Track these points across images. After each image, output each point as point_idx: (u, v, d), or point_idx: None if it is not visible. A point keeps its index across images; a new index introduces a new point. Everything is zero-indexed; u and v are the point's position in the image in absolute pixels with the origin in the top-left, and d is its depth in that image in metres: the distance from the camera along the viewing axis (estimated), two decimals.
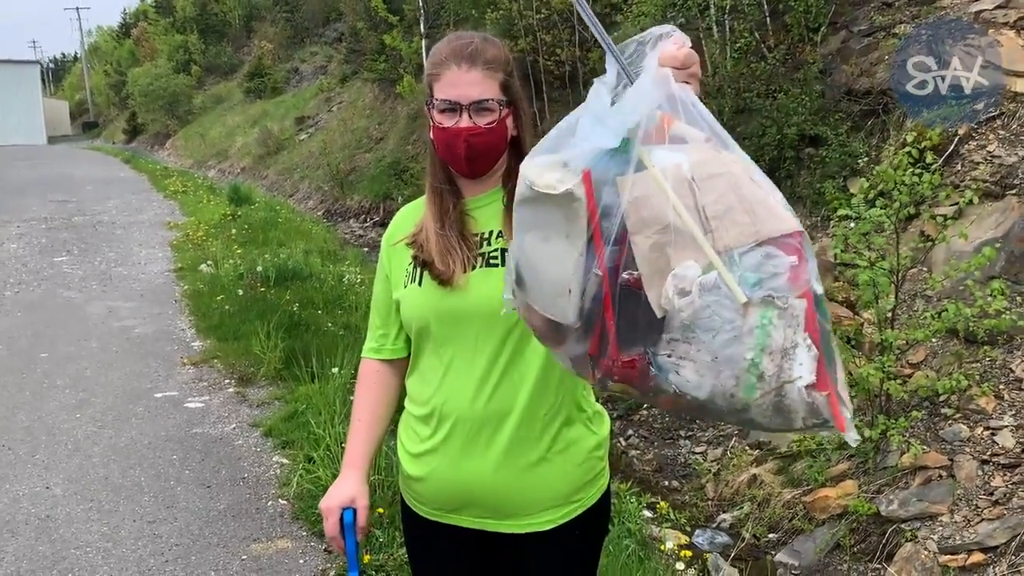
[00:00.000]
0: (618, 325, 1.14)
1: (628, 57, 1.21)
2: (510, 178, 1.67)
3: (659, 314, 1.11)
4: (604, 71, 1.26)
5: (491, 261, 1.64)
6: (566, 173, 1.14)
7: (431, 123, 1.63)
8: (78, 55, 69.16)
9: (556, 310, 1.19)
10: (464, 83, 1.57)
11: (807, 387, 1.08)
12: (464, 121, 1.58)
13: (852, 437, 1.13)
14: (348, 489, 1.77)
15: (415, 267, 1.69)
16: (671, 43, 1.18)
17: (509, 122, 1.63)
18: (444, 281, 1.63)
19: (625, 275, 1.12)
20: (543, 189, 1.14)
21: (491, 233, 1.67)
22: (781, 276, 1.07)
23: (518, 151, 1.66)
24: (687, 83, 1.19)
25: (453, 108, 1.58)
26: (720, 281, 1.07)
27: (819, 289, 1.10)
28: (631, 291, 1.12)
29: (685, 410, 1.20)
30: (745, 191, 1.11)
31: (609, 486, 1.80)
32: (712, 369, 1.09)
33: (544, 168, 1.17)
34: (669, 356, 1.12)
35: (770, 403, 1.09)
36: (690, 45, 1.19)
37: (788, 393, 1.08)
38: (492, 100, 1.59)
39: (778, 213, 1.11)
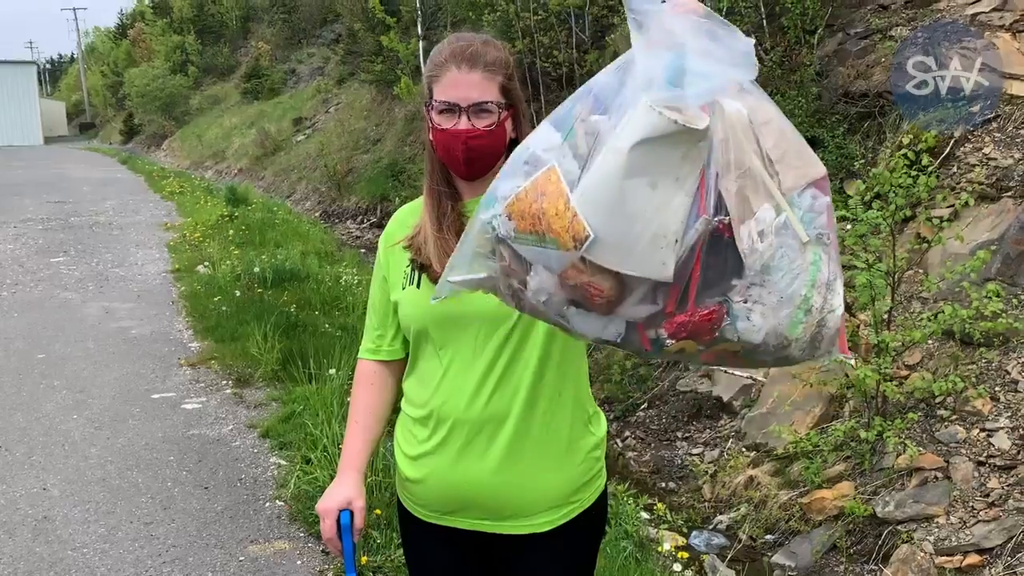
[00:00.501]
0: (703, 275, 1.12)
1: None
2: None
3: (743, 259, 1.11)
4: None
5: None
6: (688, 111, 1.07)
7: (430, 124, 1.63)
8: (75, 56, 69.08)
9: (650, 265, 1.10)
10: (464, 85, 1.57)
11: (841, 315, 1.16)
12: (463, 123, 1.58)
13: (850, 357, 1.22)
14: (345, 491, 1.76)
15: (413, 269, 1.70)
16: None
17: (508, 125, 1.63)
18: None
19: (716, 221, 1.11)
20: (688, 124, 1.06)
21: None
22: (824, 215, 1.15)
23: None
24: None
25: (452, 110, 1.58)
26: (788, 223, 1.11)
27: None
28: (719, 237, 1.11)
29: (728, 360, 1.21)
30: (791, 136, 1.16)
31: (606, 487, 1.81)
32: (775, 309, 1.13)
33: (666, 104, 1.07)
34: (745, 302, 1.13)
35: (809, 336, 1.15)
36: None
37: (827, 322, 1.15)
38: (491, 103, 1.59)
39: (813, 157, 1.17)
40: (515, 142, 1.66)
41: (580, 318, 1.20)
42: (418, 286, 1.68)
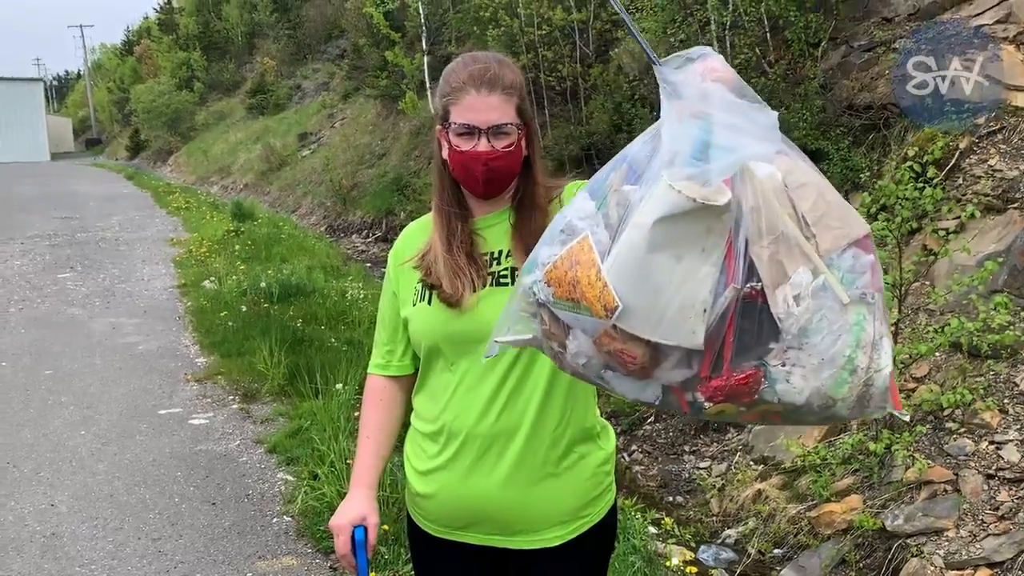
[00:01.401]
0: (737, 341, 1.13)
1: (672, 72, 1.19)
2: (517, 198, 1.69)
3: (778, 324, 1.12)
4: (606, 86, 1.26)
5: (501, 280, 1.65)
6: (710, 185, 1.10)
7: (448, 145, 1.64)
8: (81, 72, 69.48)
9: (680, 334, 1.12)
10: (483, 108, 1.59)
11: (889, 373, 1.14)
12: (482, 145, 1.59)
13: (904, 414, 1.20)
14: (358, 507, 1.76)
15: (424, 287, 1.70)
16: (716, 62, 1.17)
17: (522, 144, 1.65)
18: (453, 303, 1.64)
19: (747, 287, 1.12)
20: (706, 201, 1.08)
21: (500, 252, 1.68)
22: (867, 274, 1.14)
23: (527, 171, 1.68)
24: None
25: (471, 132, 1.59)
26: (827, 284, 1.11)
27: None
28: (752, 304, 1.12)
29: (771, 419, 1.21)
30: (830, 197, 1.16)
31: (616, 501, 1.81)
32: (816, 371, 1.12)
33: (684, 182, 1.10)
34: (782, 365, 1.13)
35: (856, 395, 1.14)
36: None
37: (875, 382, 1.14)
38: (510, 124, 1.60)
39: (856, 216, 1.17)
40: (528, 160, 1.67)
41: (618, 381, 1.22)
42: (429, 302, 1.68)
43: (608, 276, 1.15)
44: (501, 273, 1.66)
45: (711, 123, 1.11)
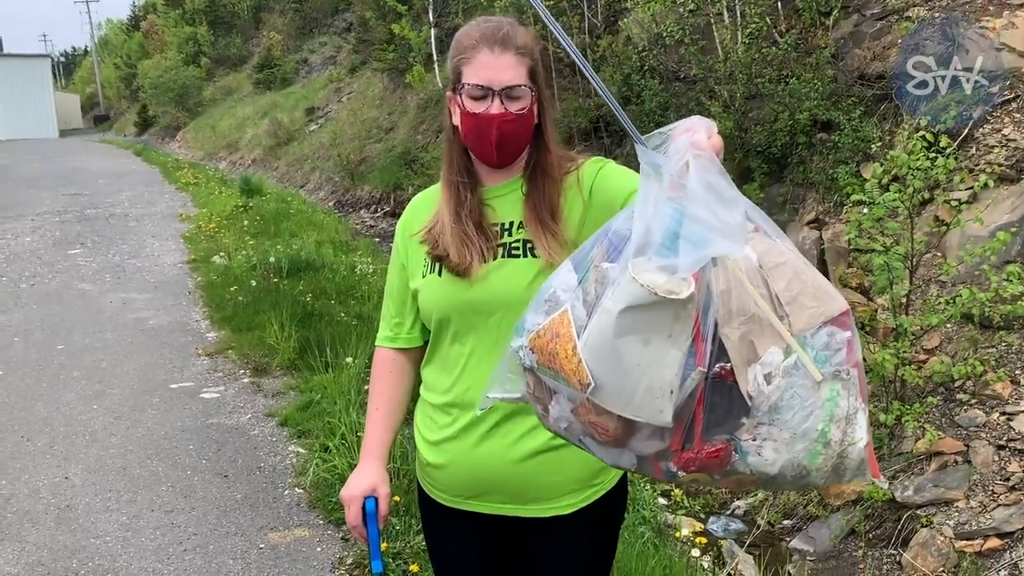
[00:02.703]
0: (706, 417, 1.17)
1: (656, 148, 1.20)
2: (530, 167, 1.66)
3: (748, 402, 1.15)
4: (615, 57, 1.25)
5: (513, 252, 1.63)
6: (676, 277, 1.13)
7: (460, 109, 1.60)
8: (88, 48, 69.35)
9: (649, 411, 1.16)
10: (497, 67, 1.55)
11: (865, 446, 1.18)
12: (495, 107, 1.56)
13: (883, 481, 1.23)
14: (369, 478, 1.77)
15: (432, 259, 1.69)
16: (702, 133, 1.17)
17: (535, 110, 1.62)
18: (461, 273, 1.62)
19: (717, 367, 1.15)
20: (666, 295, 1.12)
21: (511, 224, 1.65)
22: (842, 351, 1.17)
23: (539, 139, 1.65)
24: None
25: (484, 93, 1.56)
26: (800, 363, 1.14)
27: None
28: (722, 383, 1.16)
29: (748, 485, 1.25)
30: (805, 276, 1.18)
31: (627, 471, 1.80)
32: (789, 445, 1.16)
33: (650, 272, 1.14)
34: (753, 440, 1.17)
35: (831, 466, 1.18)
36: (715, 130, 1.19)
37: (849, 454, 1.17)
38: (523, 86, 1.57)
39: (832, 294, 1.19)
40: (540, 127, 1.64)
41: (596, 446, 1.27)
42: (439, 274, 1.67)
43: (583, 353, 1.19)
44: (513, 244, 1.63)
45: (683, 213, 1.13)
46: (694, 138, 1.15)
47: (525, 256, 1.61)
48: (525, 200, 1.64)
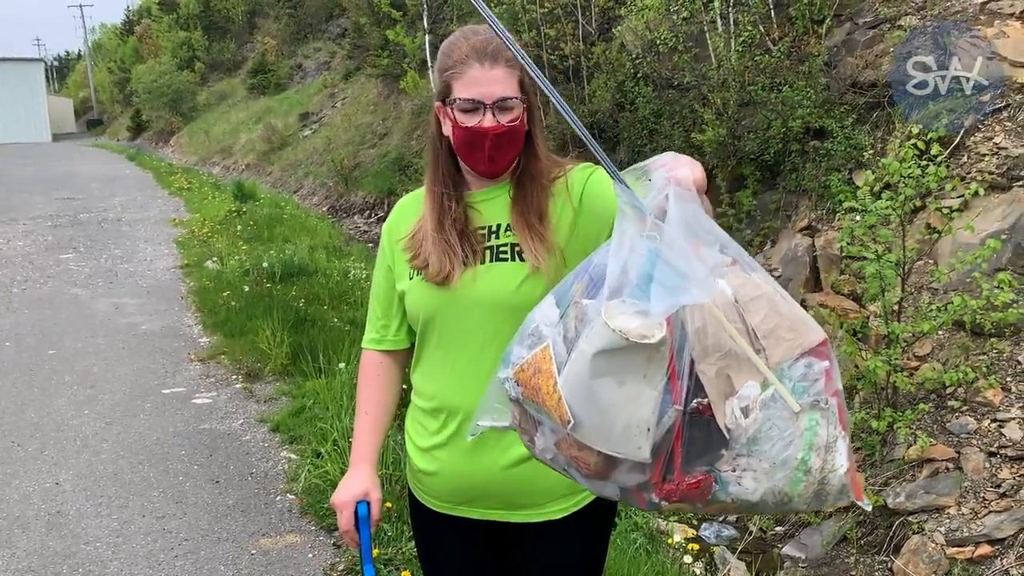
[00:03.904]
0: (685, 450, 1.18)
1: (638, 180, 1.21)
2: (518, 172, 1.67)
3: (726, 435, 1.17)
4: (608, 64, 1.25)
5: (500, 255, 1.63)
6: (648, 320, 1.14)
7: (451, 121, 1.61)
8: (82, 53, 69.17)
9: (627, 448, 1.18)
10: (487, 81, 1.56)
11: (845, 472, 1.19)
12: (488, 120, 1.57)
13: (867, 504, 1.24)
14: (360, 483, 1.77)
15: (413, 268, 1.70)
16: (686, 169, 1.18)
17: (524, 117, 1.62)
18: (440, 283, 1.63)
19: (695, 403, 1.17)
20: (638, 340, 1.13)
21: (499, 226, 1.66)
22: (820, 381, 1.18)
23: (528, 145, 1.66)
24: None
25: (476, 107, 1.56)
26: (777, 395, 1.16)
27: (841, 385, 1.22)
28: (700, 417, 1.17)
29: (730, 511, 1.27)
30: (782, 308, 1.19)
31: None
32: (769, 474, 1.17)
33: (624, 316, 1.15)
34: (733, 471, 1.18)
35: (812, 492, 1.19)
36: (699, 168, 1.20)
37: (830, 481, 1.19)
38: (514, 98, 1.58)
39: (810, 325, 1.20)
40: (528, 134, 1.65)
41: (580, 477, 1.29)
42: (425, 277, 1.67)
43: (563, 391, 1.20)
44: (500, 248, 1.64)
45: (658, 255, 1.14)
46: (676, 174, 1.17)
47: (512, 260, 1.62)
48: (512, 203, 1.65)
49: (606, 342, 1.15)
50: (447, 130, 1.63)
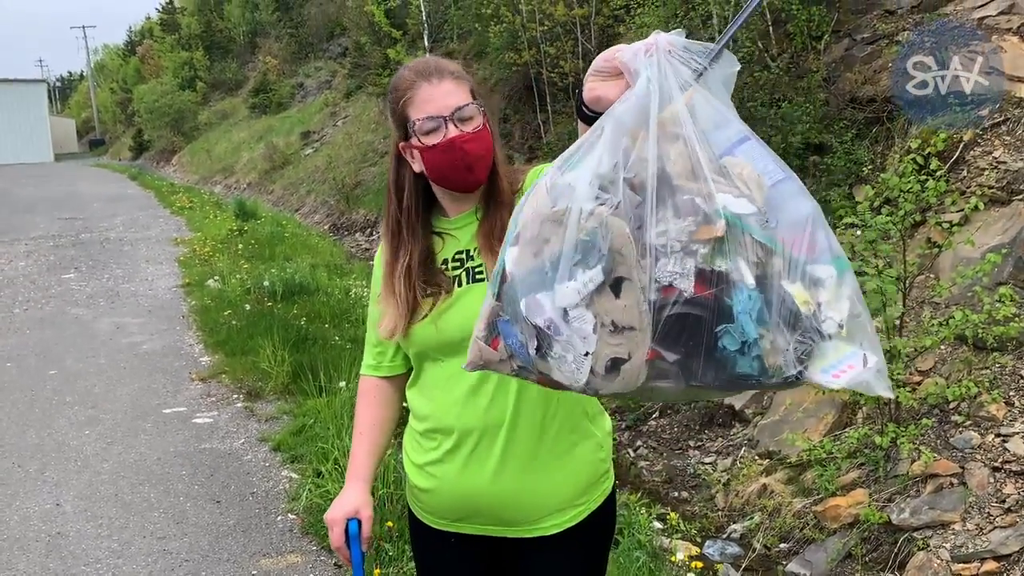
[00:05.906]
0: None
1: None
2: (484, 194, 1.69)
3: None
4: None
5: (477, 276, 1.66)
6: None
7: (419, 150, 1.61)
8: (84, 73, 69.61)
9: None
10: (439, 95, 1.58)
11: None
12: (452, 131, 1.58)
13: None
14: (352, 500, 1.79)
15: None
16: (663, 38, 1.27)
17: (488, 125, 1.64)
18: (389, 337, 1.70)
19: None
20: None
21: (473, 250, 1.68)
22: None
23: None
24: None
25: (436, 124, 1.58)
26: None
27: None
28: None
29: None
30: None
31: (614, 489, 1.80)
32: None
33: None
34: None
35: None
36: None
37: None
38: (470, 105, 1.60)
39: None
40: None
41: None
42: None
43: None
44: (476, 268, 1.67)
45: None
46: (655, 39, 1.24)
47: (487, 280, 1.64)
48: (479, 227, 1.67)
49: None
50: (417, 167, 1.65)
